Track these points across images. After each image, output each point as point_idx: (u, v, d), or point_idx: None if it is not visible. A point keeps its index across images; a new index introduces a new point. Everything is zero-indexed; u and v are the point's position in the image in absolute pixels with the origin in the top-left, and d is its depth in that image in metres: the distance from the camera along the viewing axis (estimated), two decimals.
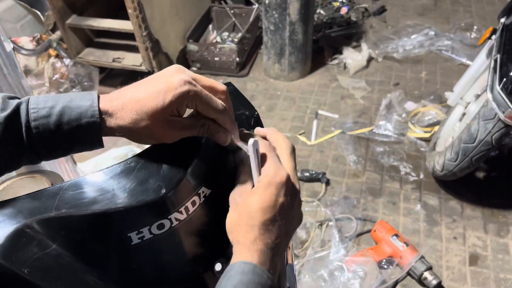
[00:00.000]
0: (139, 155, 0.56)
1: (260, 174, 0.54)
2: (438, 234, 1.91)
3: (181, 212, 0.55)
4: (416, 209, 2.01)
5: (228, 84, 0.69)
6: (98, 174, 0.53)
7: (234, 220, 0.53)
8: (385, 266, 1.76)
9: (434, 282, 1.67)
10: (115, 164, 0.55)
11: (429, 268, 1.70)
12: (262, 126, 0.67)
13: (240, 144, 0.57)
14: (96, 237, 0.53)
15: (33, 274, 0.48)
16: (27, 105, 0.49)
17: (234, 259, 0.51)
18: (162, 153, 0.56)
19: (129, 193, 0.52)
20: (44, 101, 0.50)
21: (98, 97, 0.52)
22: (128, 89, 0.52)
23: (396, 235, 1.79)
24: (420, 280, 1.71)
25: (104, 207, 0.51)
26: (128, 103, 0.51)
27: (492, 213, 1.98)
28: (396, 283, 1.74)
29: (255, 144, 0.53)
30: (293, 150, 0.59)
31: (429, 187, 2.11)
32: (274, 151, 0.56)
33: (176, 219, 0.55)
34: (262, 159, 0.55)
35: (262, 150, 0.55)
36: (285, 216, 0.54)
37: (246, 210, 0.52)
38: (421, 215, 1.99)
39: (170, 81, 0.51)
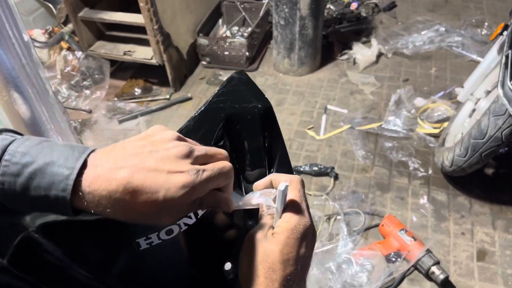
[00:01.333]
0: None
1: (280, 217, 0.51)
2: (446, 230, 1.92)
3: (190, 217, 0.54)
4: (424, 205, 2.01)
5: (241, 73, 0.68)
6: None
7: (251, 271, 0.48)
8: (393, 260, 1.77)
9: (442, 276, 1.68)
10: None
11: (437, 263, 1.71)
12: (275, 120, 0.66)
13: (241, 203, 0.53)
14: (106, 243, 0.53)
15: (41, 280, 0.48)
16: (2, 153, 0.42)
17: None
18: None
19: None
20: (21, 155, 0.42)
21: (85, 164, 0.42)
22: (122, 169, 0.42)
23: (404, 229, 1.80)
24: (428, 275, 1.72)
25: None
26: (118, 193, 0.41)
27: (500, 209, 1.98)
28: (404, 277, 1.76)
29: (285, 190, 0.50)
30: (302, 186, 0.53)
31: (437, 183, 2.11)
32: (299, 198, 0.52)
33: (185, 224, 0.54)
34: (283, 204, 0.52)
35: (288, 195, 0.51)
36: (304, 267, 0.50)
37: (267, 261, 0.48)
38: (429, 210, 1.99)
39: (174, 181, 0.43)
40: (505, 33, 1.80)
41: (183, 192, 0.43)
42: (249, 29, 2.88)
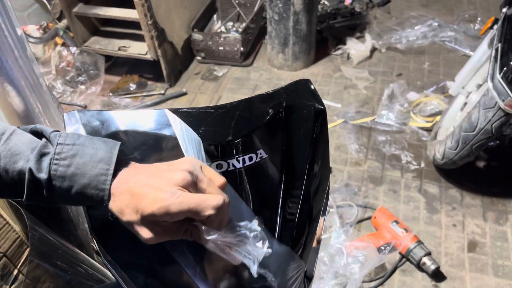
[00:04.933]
0: (218, 107, 0.67)
1: None
2: (438, 222, 1.94)
3: (238, 161, 0.65)
4: (416, 197, 2.04)
5: (307, 80, 0.77)
6: (187, 109, 0.65)
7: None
8: (385, 252, 1.79)
9: (433, 267, 1.70)
10: (196, 108, 0.66)
11: (428, 254, 1.74)
12: (326, 122, 0.74)
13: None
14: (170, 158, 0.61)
15: None
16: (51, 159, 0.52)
17: None
18: (236, 111, 0.67)
19: (203, 131, 0.64)
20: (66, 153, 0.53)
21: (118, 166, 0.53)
22: (140, 176, 0.53)
23: (396, 221, 1.82)
24: (419, 265, 1.74)
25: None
26: (127, 193, 0.52)
27: (491, 201, 2.01)
28: (395, 268, 1.78)
29: None
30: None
31: (429, 176, 2.13)
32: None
33: (233, 165, 0.65)
34: None
35: None
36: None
37: None
38: (421, 202, 2.02)
39: (168, 202, 0.50)
40: (495, 26, 1.82)
41: (155, 206, 0.50)
42: (244, 24, 2.90)
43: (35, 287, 1.14)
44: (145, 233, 0.52)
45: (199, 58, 2.96)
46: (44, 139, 0.54)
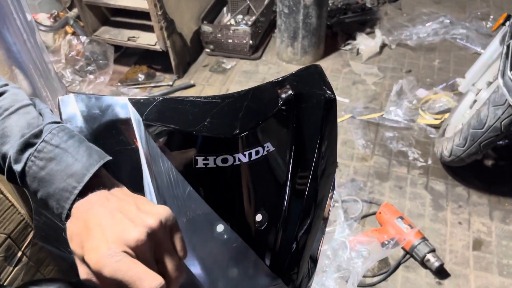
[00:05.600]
0: (225, 96, 0.64)
1: None
2: (443, 219, 1.93)
3: (244, 155, 0.62)
4: (422, 194, 2.03)
5: (317, 66, 0.74)
6: (191, 98, 0.62)
7: None
8: (389, 247, 1.78)
9: (436, 264, 1.69)
10: (201, 97, 0.63)
11: (432, 251, 1.73)
12: (335, 111, 0.72)
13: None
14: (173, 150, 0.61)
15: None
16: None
17: None
18: (243, 102, 0.64)
19: (209, 123, 0.61)
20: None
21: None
22: (103, 210, 0.48)
23: (401, 217, 1.82)
24: (423, 262, 1.73)
25: (186, 129, 0.60)
26: (82, 222, 0.48)
27: (498, 200, 1.99)
28: (399, 264, 1.77)
29: None
30: None
31: (436, 173, 2.12)
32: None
33: (239, 159, 0.62)
34: None
35: None
36: None
37: None
38: (427, 199, 2.00)
39: (110, 260, 0.45)
40: (507, 23, 1.80)
41: (92, 258, 0.45)
42: (253, 17, 2.89)
43: (38, 269, 1.15)
44: (82, 271, 0.47)
45: (208, 50, 2.96)
46: (39, 128, 0.52)
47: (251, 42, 2.82)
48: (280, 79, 0.69)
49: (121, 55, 2.97)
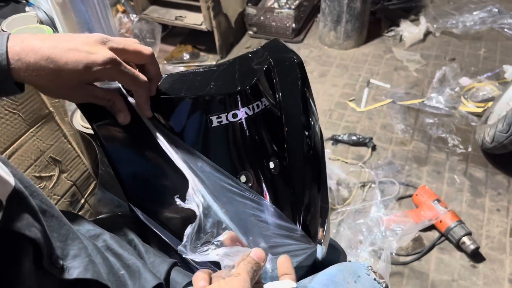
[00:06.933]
0: (219, 64, 0.75)
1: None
2: (481, 205, 1.93)
3: (249, 109, 0.72)
4: (461, 179, 2.02)
5: (277, 40, 0.86)
6: (192, 70, 0.73)
7: None
8: (424, 228, 1.80)
9: (472, 247, 1.70)
10: (200, 67, 0.74)
11: (469, 234, 1.73)
12: (305, 74, 0.82)
13: (146, 121, 0.65)
14: (189, 117, 0.68)
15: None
16: None
17: None
18: (235, 66, 0.76)
19: (213, 85, 0.70)
20: None
21: (8, 38, 0.50)
22: (45, 41, 0.51)
23: (438, 200, 1.83)
24: (458, 245, 1.74)
25: (196, 93, 0.69)
26: (43, 61, 0.50)
27: None
28: (434, 245, 1.79)
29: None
30: None
31: (476, 160, 2.11)
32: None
33: (246, 113, 0.72)
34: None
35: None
36: None
37: None
38: (465, 185, 2.00)
39: (94, 57, 0.51)
40: None
41: (106, 62, 0.52)
42: (297, 1, 2.92)
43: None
44: (74, 93, 0.55)
45: (250, 32, 3.01)
46: None
47: (293, 25, 2.86)
48: (254, 50, 0.82)
49: (168, 34, 3.07)
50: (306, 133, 0.80)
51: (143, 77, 0.58)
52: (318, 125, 0.84)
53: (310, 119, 0.81)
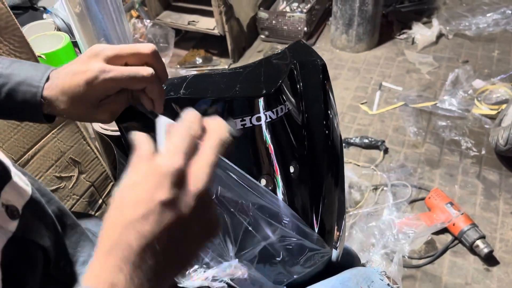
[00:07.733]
0: (245, 66, 0.75)
1: None
2: (495, 208, 1.92)
3: (273, 112, 0.73)
4: (474, 182, 2.02)
5: (300, 41, 0.85)
6: (218, 71, 0.74)
7: (106, 219, 0.36)
8: (437, 232, 1.80)
9: (486, 250, 1.69)
10: (226, 69, 0.74)
11: (482, 237, 1.73)
12: (328, 77, 0.80)
13: (154, 116, 0.60)
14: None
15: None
16: None
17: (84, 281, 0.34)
18: (261, 68, 0.76)
19: (239, 88, 0.71)
20: None
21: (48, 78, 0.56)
22: (62, 78, 0.56)
23: (451, 203, 1.82)
24: (472, 248, 1.74)
25: (222, 95, 0.70)
26: (60, 94, 0.55)
27: None
28: (447, 248, 1.79)
29: (163, 121, 0.44)
30: (225, 143, 0.41)
31: (490, 163, 2.10)
32: (193, 137, 0.39)
33: (270, 117, 0.72)
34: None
35: (176, 132, 0.40)
36: (174, 226, 0.35)
37: (115, 201, 0.37)
38: (478, 188, 1.99)
39: (88, 73, 0.54)
40: None
41: (99, 73, 0.54)
42: (309, 5, 2.93)
43: None
44: (95, 114, 0.58)
45: (262, 36, 3.04)
46: None
47: (305, 29, 2.87)
48: (279, 51, 0.81)
49: (181, 39, 3.11)
50: (327, 138, 0.80)
51: (145, 71, 0.55)
52: (338, 130, 0.84)
53: (331, 124, 0.80)
